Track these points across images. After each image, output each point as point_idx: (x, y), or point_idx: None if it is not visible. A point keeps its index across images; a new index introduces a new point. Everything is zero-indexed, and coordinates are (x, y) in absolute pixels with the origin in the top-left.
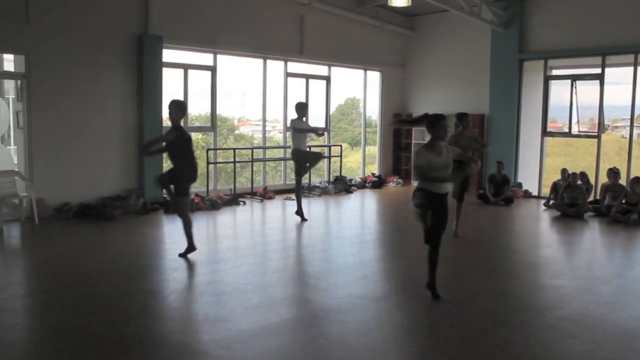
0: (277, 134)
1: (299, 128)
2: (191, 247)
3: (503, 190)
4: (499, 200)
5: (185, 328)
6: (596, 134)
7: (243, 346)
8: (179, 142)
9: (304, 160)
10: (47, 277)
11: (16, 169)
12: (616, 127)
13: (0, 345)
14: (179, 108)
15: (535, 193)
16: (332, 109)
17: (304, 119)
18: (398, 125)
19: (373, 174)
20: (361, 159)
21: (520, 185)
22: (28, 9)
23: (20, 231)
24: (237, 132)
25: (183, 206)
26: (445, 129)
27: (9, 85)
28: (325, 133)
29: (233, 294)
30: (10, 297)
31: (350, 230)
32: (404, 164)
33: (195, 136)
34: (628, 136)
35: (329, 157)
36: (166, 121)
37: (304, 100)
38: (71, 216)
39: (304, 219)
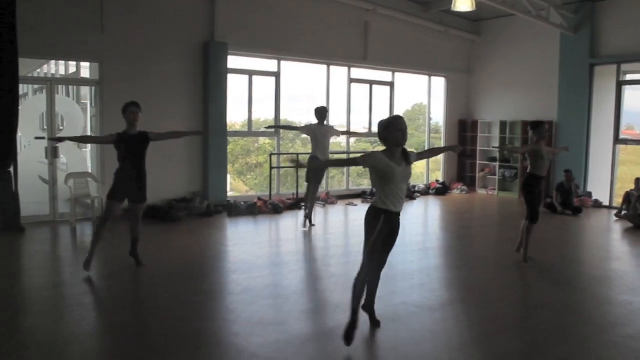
0: (338, 138)
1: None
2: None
3: (571, 200)
4: (567, 210)
5: (240, 330)
6: None
7: (295, 351)
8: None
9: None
10: (115, 275)
11: (89, 172)
12: None
13: (67, 339)
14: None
15: (606, 203)
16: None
17: (325, 122)
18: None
19: (437, 181)
20: (425, 165)
21: (590, 194)
22: (103, 20)
23: (92, 230)
24: (303, 136)
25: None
26: (403, 130)
27: (86, 91)
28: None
29: (290, 298)
30: (79, 293)
31: (411, 238)
32: (469, 171)
33: (262, 141)
34: None
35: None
36: (232, 125)
37: (324, 105)
38: None
39: (311, 225)
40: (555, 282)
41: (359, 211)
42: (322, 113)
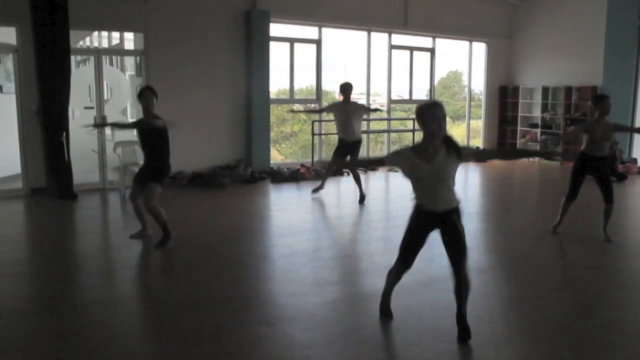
0: (376, 106)
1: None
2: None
3: (615, 166)
4: (611, 177)
5: (295, 289)
6: None
7: (351, 309)
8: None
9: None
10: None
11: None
12: None
13: (119, 299)
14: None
15: None
16: (436, 82)
17: (351, 99)
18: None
19: (477, 147)
20: (465, 133)
21: (635, 160)
22: None
23: None
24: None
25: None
26: (439, 120)
27: (129, 62)
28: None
29: (341, 260)
30: (132, 255)
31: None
32: (509, 137)
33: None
34: None
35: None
36: (274, 93)
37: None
38: (185, 183)
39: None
40: (603, 246)
41: (400, 177)
42: (345, 89)
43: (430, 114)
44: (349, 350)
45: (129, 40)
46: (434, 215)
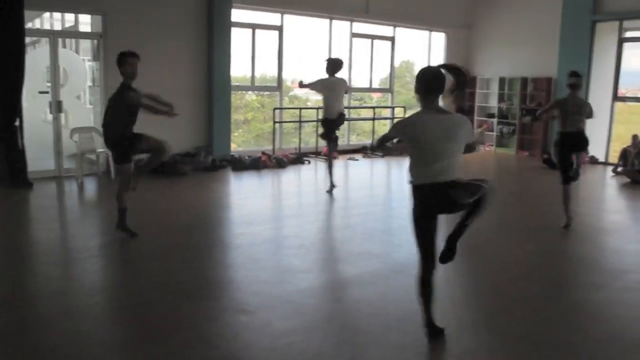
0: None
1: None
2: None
3: None
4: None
5: (268, 278)
6: None
7: (328, 296)
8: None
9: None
10: (133, 227)
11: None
12: None
13: (88, 290)
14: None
15: (602, 159)
16: (387, 72)
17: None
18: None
19: None
20: None
21: (586, 151)
22: None
23: (99, 184)
24: (291, 93)
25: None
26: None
27: (85, 45)
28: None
29: (311, 248)
30: (95, 245)
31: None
32: None
33: (249, 97)
34: None
35: (392, 119)
36: (234, 80)
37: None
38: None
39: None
40: (563, 233)
41: (361, 166)
42: (335, 65)
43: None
44: (331, 337)
45: (84, 23)
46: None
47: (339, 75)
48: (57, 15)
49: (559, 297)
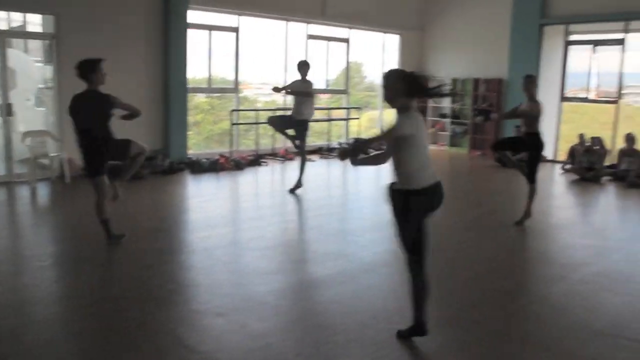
0: (279, 97)
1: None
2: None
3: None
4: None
5: (239, 280)
6: (615, 99)
7: (301, 296)
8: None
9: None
10: (92, 232)
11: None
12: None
13: (56, 298)
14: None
15: (550, 157)
16: (337, 73)
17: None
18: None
19: None
20: (379, 121)
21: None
22: None
23: (53, 190)
24: (241, 95)
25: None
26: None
27: (32, 46)
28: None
29: (277, 249)
30: (58, 252)
31: (376, 191)
32: None
33: (198, 99)
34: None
35: (347, 119)
36: (196, 82)
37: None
38: None
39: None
40: (520, 230)
41: (318, 166)
42: (302, 67)
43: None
44: (308, 336)
45: (33, 23)
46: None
47: (308, 76)
48: (2, 14)
49: (523, 291)
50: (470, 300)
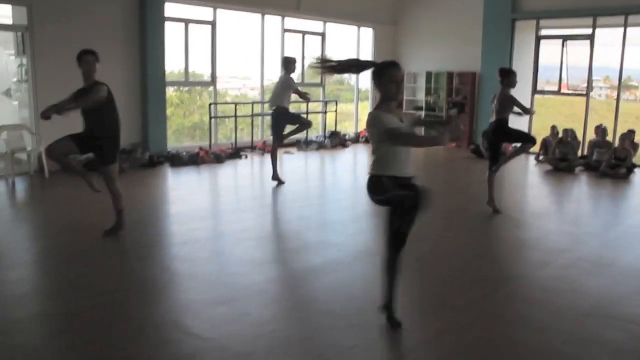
0: (249, 91)
1: (293, 87)
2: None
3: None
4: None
5: (235, 270)
6: (585, 93)
7: (297, 284)
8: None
9: (290, 121)
10: (79, 226)
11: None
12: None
13: (57, 291)
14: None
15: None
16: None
17: (292, 75)
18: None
19: (365, 130)
20: (354, 114)
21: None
22: None
23: (33, 184)
24: (210, 89)
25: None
26: (398, 82)
27: (2, 38)
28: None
29: (269, 240)
30: (48, 246)
31: (348, 183)
32: None
33: (170, 93)
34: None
35: (325, 112)
36: (174, 75)
37: (291, 55)
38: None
39: (281, 183)
40: (501, 218)
41: (297, 159)
42: (292, 63)
43: (389, 76)
44: (311, 322)
45: (2, 15)
46: (406, 182)
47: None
48: None
49: (511, 276)
50: (461, 284)
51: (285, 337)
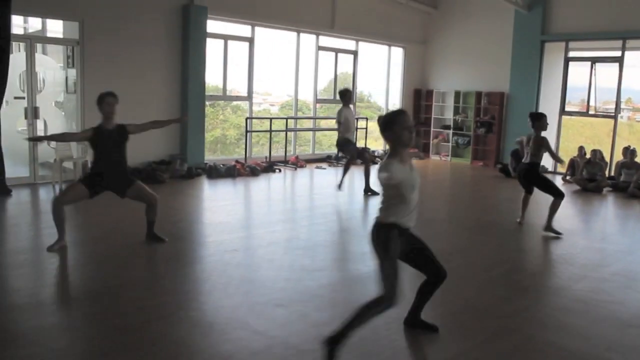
0: (268, 106)
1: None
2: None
3: None
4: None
5: (288, 276)
6: (613, 114)
7: (350, 290)
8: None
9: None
10: (129, 232)
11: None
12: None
13: (89, 295)
14: None
15: (550, 169)
16: (325, 84)
17: (351, 106)
18: None
19: None
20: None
21: None
22: None
23: None
24: (234, 103)
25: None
26: (410, 127)
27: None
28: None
29: (317, 249)
30: (99, 250)
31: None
32: (423, 138)
33: (208, 109)
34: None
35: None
36: (208, 89)
37: (349, 87)
38: None
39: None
40: (534, 234)
41: (329, 174)
42: (346, 95)
43: (401, 122)
44: (368, 324)
45: (53, 29)
46: (407, 233)
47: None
48: (18, 20)
49: (551, 287)
50: (502, 295)
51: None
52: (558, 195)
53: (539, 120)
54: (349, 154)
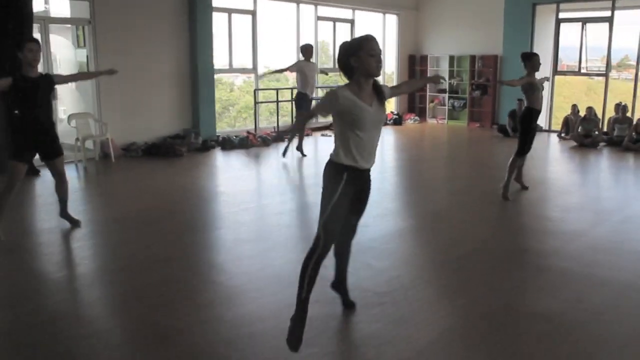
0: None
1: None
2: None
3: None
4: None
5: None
6: (604, 72)
7: (396, 241)
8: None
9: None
10: (164, 201)
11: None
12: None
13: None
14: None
15: (545, 127)
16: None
17: (312, 61)
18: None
19: (392, 112)
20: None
21: None
22: None
23: (102, 168)
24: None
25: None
26: (377, 55)
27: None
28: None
29: None
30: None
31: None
32: (419, 102)
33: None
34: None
35: None
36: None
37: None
38: (140, 154)
39: (303, 155)
40: (546, 189)
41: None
42: (308, 50)
43: (367, 49)
44: (427, 266)
45: (60, 8)
46: (362, 174)
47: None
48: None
49: (575, 231)
50: (499, 257)
51: (409, 279)
52: (517, 153)
53: (529, 60)
54: (303, 110)
